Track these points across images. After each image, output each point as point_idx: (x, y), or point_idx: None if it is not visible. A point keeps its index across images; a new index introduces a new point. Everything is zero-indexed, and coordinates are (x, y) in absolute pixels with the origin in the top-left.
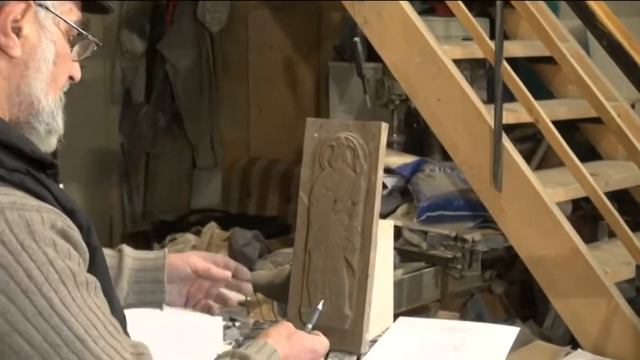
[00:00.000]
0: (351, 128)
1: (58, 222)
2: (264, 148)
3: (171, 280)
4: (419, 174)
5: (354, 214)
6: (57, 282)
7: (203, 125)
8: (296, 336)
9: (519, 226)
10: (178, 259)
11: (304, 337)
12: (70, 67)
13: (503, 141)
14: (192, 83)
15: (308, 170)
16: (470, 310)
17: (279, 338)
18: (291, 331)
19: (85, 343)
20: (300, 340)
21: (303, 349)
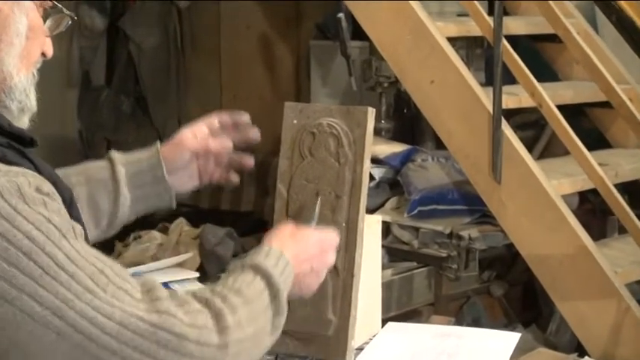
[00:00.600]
0: (335, 113)
1: (44, 186)
2: None
3: (174, 171)
4: (410, 164)
5: (338, 209)
6: (58, 238)
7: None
8: (300, 233)
9: (521, 222)
10: (172, 147)
11: (309, 232)
12: (42, 42)
13: (503, 127)
14: (158, 64)
15: (286, 160)
16: (466, 314)
17: (284, 239)
18: (294, 229)
19: (95, 292)
20: (306, 236)
21: (310, 244)
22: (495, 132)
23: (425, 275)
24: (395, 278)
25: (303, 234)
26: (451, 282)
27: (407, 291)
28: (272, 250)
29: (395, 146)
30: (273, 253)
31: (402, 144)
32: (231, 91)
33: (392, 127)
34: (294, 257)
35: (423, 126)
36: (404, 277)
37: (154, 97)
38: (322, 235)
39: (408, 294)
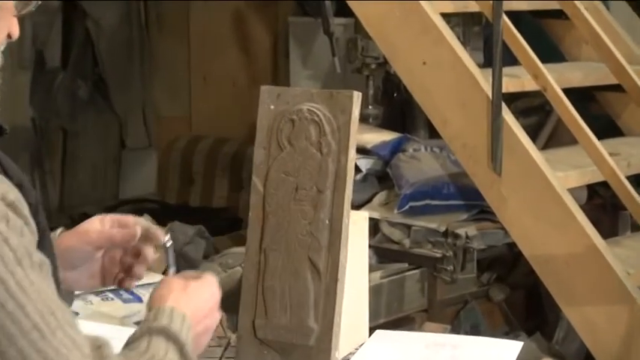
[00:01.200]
0: (316, 98)
1: (9, 194)
2: (210, 124)
3: (73, 265)
4: (400, 155)
5: (320, 205)
6: (13, 263)
7: (133, 96)
8: (192, 288)
9: (523, 218)
10: (75, 238)
11: (200, 286)
12: (10, 22)
13: (503, 114)
14: (120, 44)
15: (263, 150)
16: (463, 321)
17: (178, 297)
18: (182, 283)
19: (43, 333)
20: (199, 292)
21: (203, 301)
22: (495, 119)
23: (417, 278)
24: (384, 282)
25: (195, 289)
26: (446, 285)
27: (397, 296)
28: (175, 312)
29: (384, 135)
30: (176, 315)
31: (391, 132)
32: (201, 73)
33: (380, 114)
34: (191, 318)
35: (415, 112)
36: (394, 281)
37: (114, 80)
38: (212, 289)
39: (399, 299)
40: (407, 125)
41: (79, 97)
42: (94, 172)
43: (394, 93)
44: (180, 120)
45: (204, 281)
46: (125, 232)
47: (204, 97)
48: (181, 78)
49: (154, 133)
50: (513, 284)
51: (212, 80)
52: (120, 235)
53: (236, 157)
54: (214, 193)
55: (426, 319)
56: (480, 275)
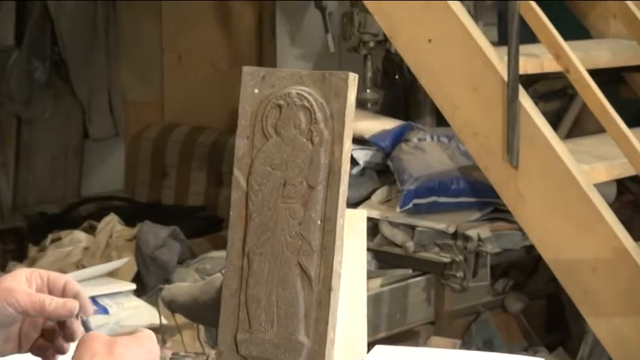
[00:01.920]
0: (307, 81)
1: None
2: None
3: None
4: (403, 145)
5: (312, 202)
6: None
7: (97, 78)
8: (117, 346)
9: (543, 218)
10: None
11: (127, 342)
12: None
13: (520, 98)
14: (82, 19)
15: (246, 140)
16: (475, 335)
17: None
18: (106, 342)
19: None
20: (126, 349)
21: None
22: (511, 104)
23: (422, 286)
24: (384, 290)
25: (125, 348)
26: (456, 294)
27: (400, 306)
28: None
29: (384, 122)
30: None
31: (392, 119)
32: (175, 53)
33: (380, 98)
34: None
35: (420, 97)
36: (396, 289)
37: (76, 60)
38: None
39: (402, 310)
40: (410, 112)
41: (36, 79)
42: (53, 166)
43: (395, 75)
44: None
45: (137, 337)
46: (60, 303)
47: (179, 80)
48: (153, 58)
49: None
50: (532, 293)
51: (188, 61)
52: (53, 306)
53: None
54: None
55: (433, 332)
56: (494, 283)
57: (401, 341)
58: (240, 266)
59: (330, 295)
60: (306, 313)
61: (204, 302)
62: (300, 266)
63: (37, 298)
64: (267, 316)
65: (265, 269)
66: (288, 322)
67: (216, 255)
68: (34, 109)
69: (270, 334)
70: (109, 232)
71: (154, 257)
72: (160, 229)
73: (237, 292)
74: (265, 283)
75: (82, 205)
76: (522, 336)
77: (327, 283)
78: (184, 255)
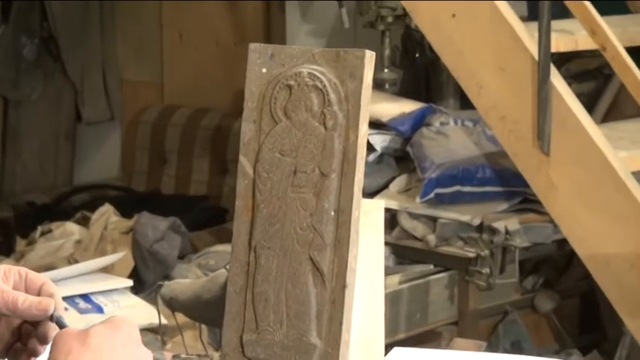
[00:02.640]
0: (319, 59)
1: None
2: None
3: None
4: (424, 130)
5: (324, 192)
6: None
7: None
8: (91, 336)
9: (577, 209)
10: None
11: (100, 329)
12: None
13: (552, 79)
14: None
15: (252, 124)
16: (502, 336)
17: (79, 356)
18: (80, 335)
19: None
20: (102, 337)
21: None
22: (542, 85)
23: (445, 283)
24: (404, 287)
25: (101, 336)
26: (481, 292)
27: (420, 305)
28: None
29: (403, 105)
30: None
31: (413, 101)
32: (176, 29)
33: (399, 79)
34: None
35: (442, 77)
36: (416, 286)
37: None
38: (124, 329)
39: (422, 309)
40: (432, 93)
41: (24, 57)
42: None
43: (416, 53)
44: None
45: (112, 322)
46: (34, 302)
47: (180, 58)
48: (151, 35)
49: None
50: (564, 291)
51: (189, 38)
52: (27, 304)
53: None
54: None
55: (456, 334)
56: (523, 280)
57: (421, 343)
58: (247, 261)
59: (345, 292)
60: (318, 313)
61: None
62: (311, 261)
63: (10, 295)
64: (276, 316)
65: (274, 264)
66: (299, 322)
67: (220, 249)
68: (21, 90)
69: (279, 335)
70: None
71: (153, 251)
72: (160, 221)
73: (243, 289)
74: (274, 279)
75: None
76: (554, 338)
77: (341, 279)
78: (185, 249)
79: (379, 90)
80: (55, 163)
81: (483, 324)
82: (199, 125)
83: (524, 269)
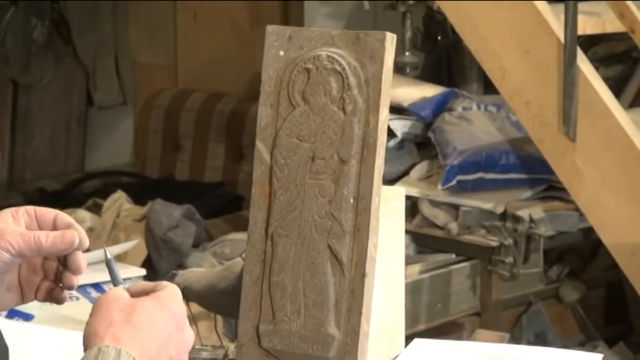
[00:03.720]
0: (339, 42)
1: None
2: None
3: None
4: (446, 115)
5: (344, 178)
6: None
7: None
8: (137, 311)
9: (603, 197)
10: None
11: (148, 306)
12: None
13: (579, 62)
14: None
15: (269, 109)
16: (526, 327)
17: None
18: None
19: None
20: (147, 313)
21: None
22: (568, 69)
23: (467, 273)
24: (425, 277)
25: (145, 312)
26: (505, 282)
27: (442, 295)
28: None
29: (425, 89)
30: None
31: (434, 86)
32: (190, 11)
33: (420, 62)
34: (142, 355)
35: (465, 60)
36: (437, 276)
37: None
38: (172, 305)
39: (444, 299)
40: (454, 77)
41: (34, 40)
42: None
43: (438, 36)
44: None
45: (160, 299)
46: (57, 236)
47: (194, 41)
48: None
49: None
50: (590, 281)
51: (204, 19)
52: (50, 241)
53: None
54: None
55: (478, 325)
56: (547, 270)
57: (442, 334)
58: (263, 250)
59: (364, 282)
60: (337, 303)
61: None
62: (330, 250)
63: (31, 236)
64: (293, 306)
65: (291, 253)
66: (317, 312)
67: (235, 237)
68: (32, 74)
69: (296, 325)
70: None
71: (167, 239)
72: (174, 208)
73: (260, 278)
74: (291, 268)
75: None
76: (579, 329)
77: (360, 268)
78: (200, 237)
79: (400, 74)
80: (66, 149)
81: (506, 315)
82: (214, 110)
83: (549, 258)
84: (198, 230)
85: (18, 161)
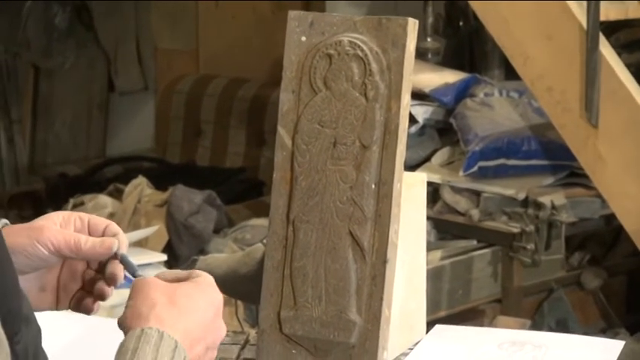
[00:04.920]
0: (360, 27)
1: None
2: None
3: (19, 271)
4: (467, 101)
5: (365, 164)
6: None
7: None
8: (178, 294)
9: (626, 183)
10: (25, 235)
11: (192, 292)
12: None
13: (601, 48)
14: None
15: (291, 94)
16: (547, 314)
17: (164, 313)
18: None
19: None
20: (192, 301)
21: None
22: (590, 55)
23: (488, 259)
24: (446, 263)
25: (187, 297)
26: (526, 269)
27: (463, 282)
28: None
29: (446, 75)
30: (165, 343)
31: (456, 72)
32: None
33: (442, 48)
34: (183, 339)
35: (487, 46)
36: (459, 262)
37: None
38: (210, 292)
39: (465, 286)
40: (476, 63)
41: (56, 26)
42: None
43: (460, 21)
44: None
45: (198, 284)
46: (97, 241)
47: (216, 26)
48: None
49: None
50: (612, 268)
51: (225, 4)
52: (90, 244)
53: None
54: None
55: (500, 311)
56: (569, 256)
57: (463, 321)
58: (285, 235)
59: (385, 268)
60: (358, 289)
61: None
62: (351, 236)
63: (72, 237)
64: (315, 292)
65: (312, 239)
66: (338, 298)
67: (256, 223)
68: (53, 60)
69: (317, 311)
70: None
71: (188, 225)
72: (195, 194)
73: (281, 264)
74: (312, 254)
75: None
76: (600, 316)
77: (381, 254)
78: (221, 223)
79: (422, 59)
80: (88, 134)
81: (528, 301)
82: (236, 95)
83: (571, 245)
84: (219, 216)
85: (39, 146)
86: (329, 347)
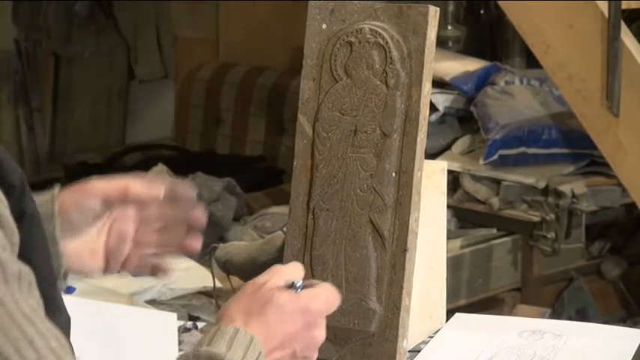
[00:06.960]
0: (381, 15)
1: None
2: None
3: (71, 232)
4: (488, 89)
5: (386, 152)
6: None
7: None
8: (273, 302)
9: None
10: (76, 189)
11: (286, 299)
12: None
13: (622, 37)
14: None
15: (312, 82)
16: (567, 303)
17: (251, 312)
18: (265, 293)
19: None
20: (282, 307)
21: (288, 319)
22: (612, 43)
23: (508, 248)
24: (466, 252)
25: (277, 303)
26: (546, 258)
27: (483, 270)
28: (239, 334)
29: (467, 63)
30: (240, 338)
31: (477, 60)
32: None
33: (463, 36)
34: (263, 342)
35: (508, 34)
36: (479, 251)
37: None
38: (305, 302)
39: (485, 274)
40: (497, 51)
41: (76, 13)
42: (95, 110)
43: (481, 9)
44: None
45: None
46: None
47: (236, 14)
48: None
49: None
50: (632, 257)
51: None
52: (138, 187)
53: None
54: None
55: (519, 300)
56: (589, 245)
57: (483, 310)
58: (305, 223)
59: (405, 256)
60: (378, 277)
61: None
62: (371, 224)
63: (118, 181)
64: (335, 280)
65: (332, 227)
66: (358, 286)
67: (276, 211)
68: (73, 47)
69: None
70: None
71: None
72: (214, 182)
73: (301, 252)
74: (332, 242)
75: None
76: (620, 305)
77: (401, 243)
78: (241, 211)
79: (442, 47)
80: (108, 122)
81: (548, 290)
82: (256, 83)
83: (591, 234)
84: (239, 204)
85: (59, 134)
86: (349, 335)
